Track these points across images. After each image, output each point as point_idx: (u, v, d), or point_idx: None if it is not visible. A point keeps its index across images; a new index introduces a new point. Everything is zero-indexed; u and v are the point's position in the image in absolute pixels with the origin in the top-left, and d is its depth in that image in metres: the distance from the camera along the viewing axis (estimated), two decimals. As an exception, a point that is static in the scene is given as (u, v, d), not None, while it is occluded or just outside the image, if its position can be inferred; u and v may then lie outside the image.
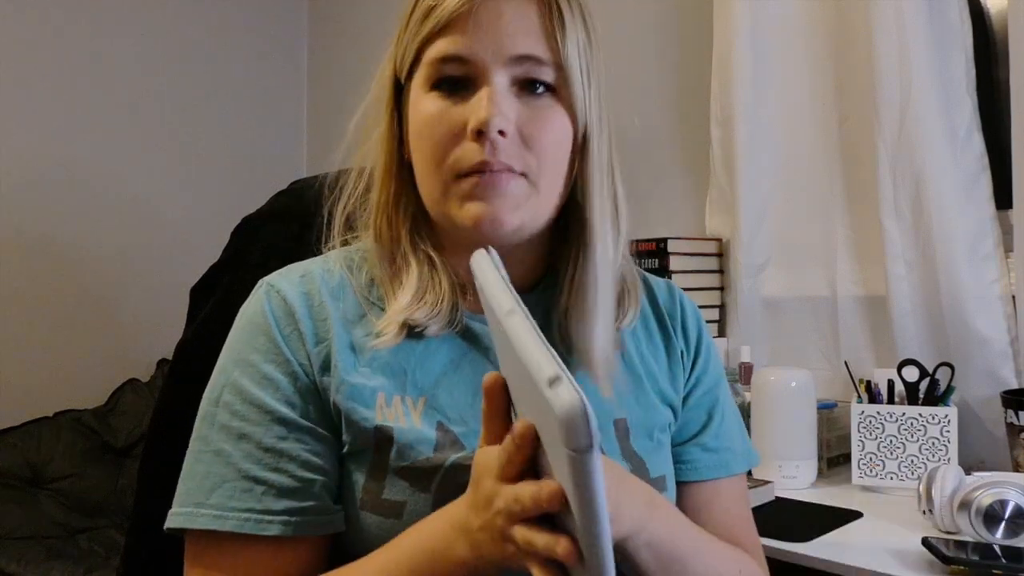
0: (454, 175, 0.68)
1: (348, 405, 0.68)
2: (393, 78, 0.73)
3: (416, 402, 0.69)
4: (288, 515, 0.66)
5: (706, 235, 1.82)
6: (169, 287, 1.91)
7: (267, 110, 2.94)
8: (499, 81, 0.68)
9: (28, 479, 2.23)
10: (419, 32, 0.69)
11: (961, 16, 1.48)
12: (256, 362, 0.69)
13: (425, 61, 0.69)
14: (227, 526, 0.65)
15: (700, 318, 0.86)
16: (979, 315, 1.42)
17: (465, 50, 0.68)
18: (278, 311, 0.70)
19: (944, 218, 1.45)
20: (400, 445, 0.67)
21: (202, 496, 0.66)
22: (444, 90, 0.69)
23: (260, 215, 0.97)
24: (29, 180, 2.44)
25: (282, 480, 0.66)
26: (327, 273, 0.74)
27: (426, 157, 0.69)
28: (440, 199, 0.69)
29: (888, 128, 1.50)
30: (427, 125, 0.69)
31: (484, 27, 0.68)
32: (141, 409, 2.41)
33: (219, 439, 0.67)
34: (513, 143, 0.68)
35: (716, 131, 1.77)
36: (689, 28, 1.89)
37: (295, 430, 0.68)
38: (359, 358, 0.70)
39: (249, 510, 0.65)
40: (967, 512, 1.04)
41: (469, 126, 0.67)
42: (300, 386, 0.69)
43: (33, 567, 1.93)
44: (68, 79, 2.52)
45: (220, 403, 0.69)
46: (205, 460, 0.67)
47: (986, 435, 1.42)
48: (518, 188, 0.69)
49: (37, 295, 2.45)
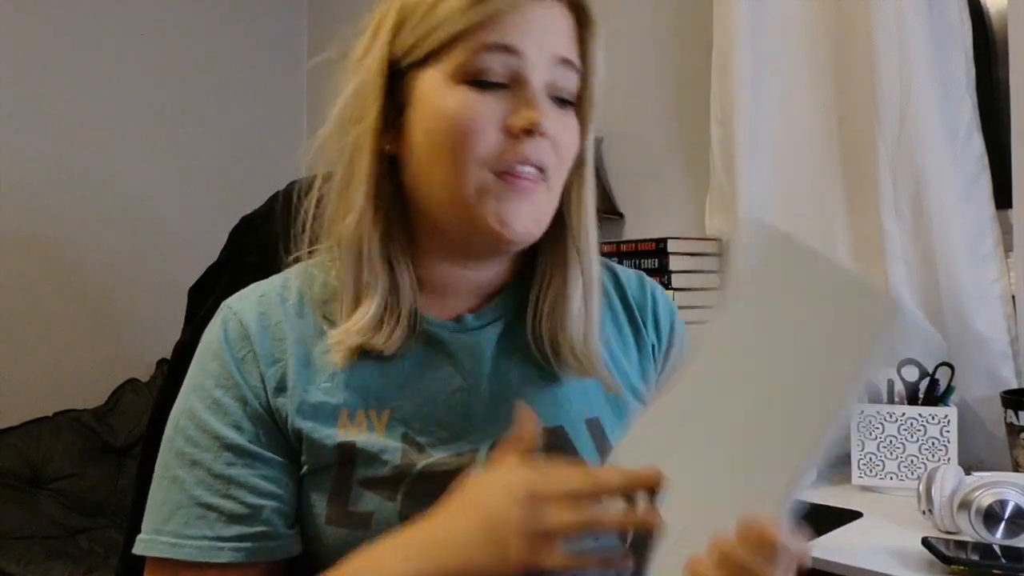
0: (487, 171, 0.66)
1: (308, 425, 0.68)
2: (386, 65, 0.69)
3: (380, 415, 0.69)
4: (239, 541, 0.66)
5: (706, 235, 1.82)
6: (168, 287, 1.91)
7: (267, 110, 2.94)
8: (538, 83, 0.67)
9: (28, 479, 2.23)
10: (462, 17, 0.66)
11: (961, 16, 1.48)
12: (208, 387, 0.69)
13: (461, 48, 0.66)
14: (181, 554, 0.66)
15: (674, 310, 0.85)
16: (979, 315, 1.42)
17: (515, 41, 0.66)
18: (232, 334, 0.70)
19: (944, 218, 1.45)
20: (365, 456, 0.67)
21: (160, 522, 0.68)
22: (477, 85, 0.66)
23: (259, 215, 0.97)
24: (29, 180, 2.44)
25: (232, 507, 0.67)
26: (285, 291, 0.73)
27: (449, 152, 0.66)
28: (462, 199, 0.67)
29: (888, 128, 1.49)
30: (459, 117, 0.66)
31: (533, 24, 0.67)
32: (141, 409, 2.41)
33: (175, 465, 0.68)
34: (547, 145, 0.68)
35: (716, 131, 1.77)
36: (689, 28, 1.89)
37: (244, 456, 0.68)
38: (319, 375, 0.69)
39: (203, 537, 0.66)
40: (967, 512, 1.04)
41: (517, 123, 0.66)
42: (250, 411, 0.68)
43: (33, 567, 1.93)
44: (68, 79, 2.52)
45: (177, 428, 0.70)
46: (164, 486, 0.69)
47: (986, 435, 1.41)
48: (542, 194, 0.69)
49: (37, 295, 2.45)
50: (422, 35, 0.68)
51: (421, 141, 0.68)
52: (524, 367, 0.75)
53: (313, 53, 3.08)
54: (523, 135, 0.66)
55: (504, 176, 0.66)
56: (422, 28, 0.68)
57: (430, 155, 0.68)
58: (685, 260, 1.71)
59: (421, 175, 0.69)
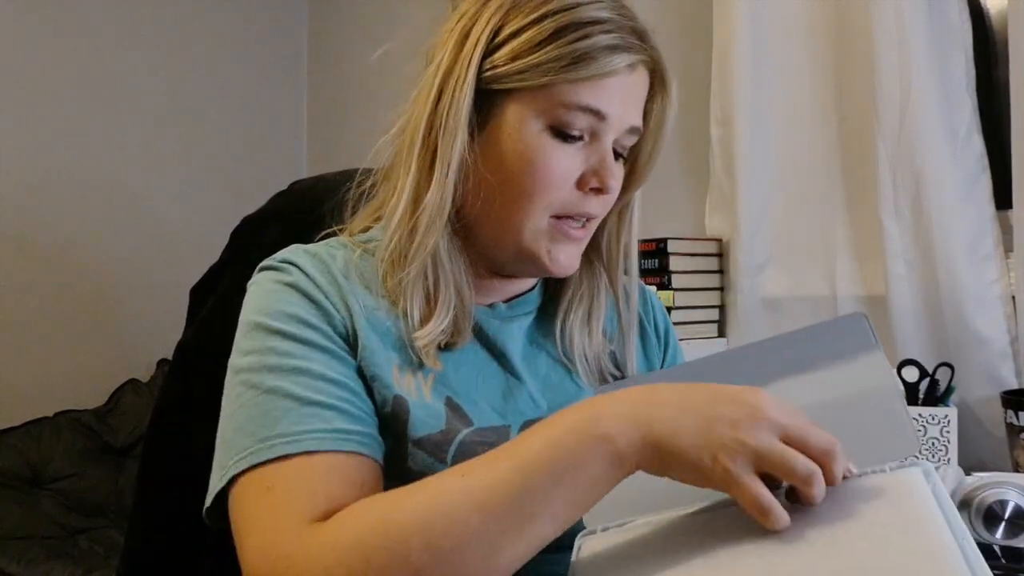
0: (551, 214, 0.72)
1: (372, 371, 0.68)
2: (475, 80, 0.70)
3: (427, 378, 0.71)
4: (361, 436, 0.65)
5: (706, 235, 1.82)
6: (169, 287, 1.91)
7: (267, 110, 2.94)
8: (610, 141, 0.72)
9: (28, 479, 2.23)
10: (568, 72, 0.68)
11: (961, 16, 1.48)
12: (295, 313, 0.68)
13: (554, 98, 0.69)
14: (302, 447, 0.61)
15: (666, 313, 0.92)
16: (979, 315, 1.42)
17: (606, 108, 0.70)
18: (300, 280, 0.70)
19: (944, 218, 1.45)
20: (415, 417, 0.68)
21: (265, 432, 0.62)
22: (558, 134, 0.71)
23: (260, 216, 0.97)
24: (29, 180, 2.44)
25: (348, 407, 0.65)
26: (330, 256, 0.74)
27: (524, 192, 0.71)
28: (520, 231, 0.72)
29: (888, 128, 1.49)
30: (542, 167, 0.70)
31: (623, 91, 0.72)
32: (141, 409, 2.40)
33: (272, 380, 0.65)
34: (605, 200, 0.75)
35: (716, 131, 1.77)
36: (689, 28, 1.89)
37: (348, 367, 0.67)
38: (373, 330, 0.70)
39: (319, 430, 0.63)
40: (967, 512, 1.04)
41: (591, 183, 0.72)
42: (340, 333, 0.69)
43: (33, 567, 1.93)
44: (68, 79, 2.52)
45: (264, 351, 0.66)
46: (259, 402, 0.64)
47: (986, 435, 1.41)
48: (586, 237, 0.76)
49: (37, 295, 2.45)
50: (518, 69, 0.69)
51: (495, 170, 0.71)
52: (550, 361, 0.80)
53: (313, 53, 3.11)
54: (591, 192, 0.72)
55: (560, 220, 0.72)
56: (520, 63, 0.69)
57: (500, 187, 0.71)
58: (685, 260, 1.71)
59: (484, 198, 0.72)
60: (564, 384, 0.79)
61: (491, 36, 0.70)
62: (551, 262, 0.73)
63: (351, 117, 2.77)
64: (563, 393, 0.78)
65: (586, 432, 0.55)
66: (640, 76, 0.73)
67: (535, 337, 0.81)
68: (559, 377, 0.80)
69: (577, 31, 0.69)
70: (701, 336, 1.71)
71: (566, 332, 0.80)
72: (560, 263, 0.74)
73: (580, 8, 0.70)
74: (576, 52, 0.68)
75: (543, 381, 0.78)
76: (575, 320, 0.81)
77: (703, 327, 1.73)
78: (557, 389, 0.78)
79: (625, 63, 0.70)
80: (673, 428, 0.55)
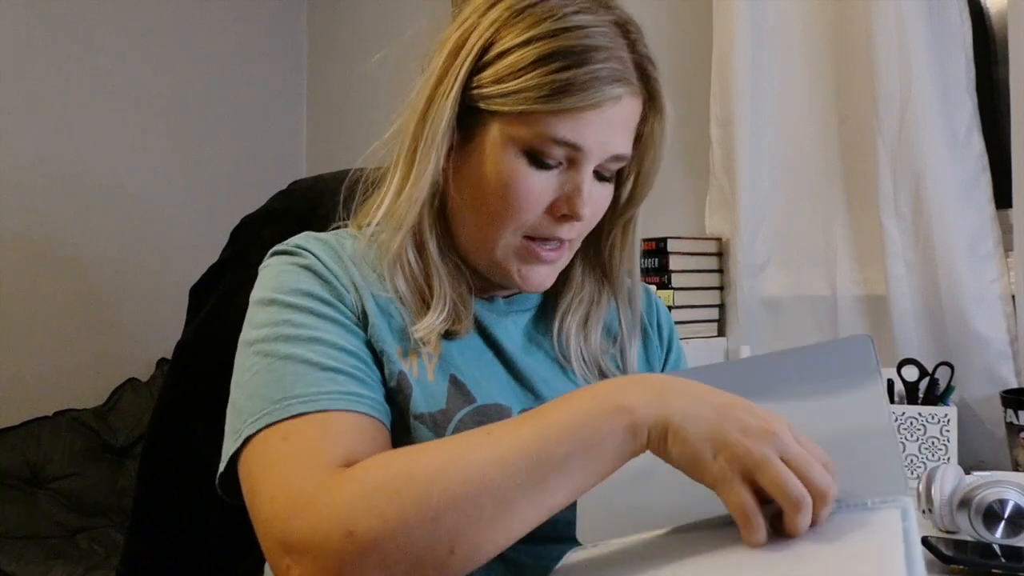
0: (520, 236, 0.73)
1: (379, 346, 0.70)
2: (460, 93, 0.71)
3: (430, 359, 0.72)
4: (372, 401, 0.66)
5: (706, 235, 1.82)
6: (169, 287, 1.91)
7: (267, 110, 2.94)
8: (588, 170, 0.72)
9: (28, 479, 2.23)
10: (536, 100, 0.68)
11: (961, 16, 1.48)
12: (309, 289, 0.70)
13: (533, 126, 0.69)
14: (318, 406, 0.62)
15: (670, 317, 0.93)
16: (979, 315, 1.42)
17: (583, 141, 0.70)
18: (311, 261, 0.72)
19: (944, 218, 1.45)
20: (416, 395, 0.70)
21: (280, 394, 0.63)
22: (534, 161, 0.71)
23: (260, 215, 0.98)
24: (29, 180, 2.44)
25: (360, 375, 0.67)
26: (339, 243, 0.76)
27: (495, 212, 0.72)
28: (490, 247, 0.73)
29: (888, 128, 1.49)
30: (513, 189, 0.71)
31: (605, 123, 0.70)
32: (141, 409, 2.40)
33: (286, 348, 0.66)
34: (580, 225, 0.74)
35: (716, 131, 1.77)
36: (689, 28, 1.89)
37: (359, 340, 0.69)
38: (380, 313, 0.72)
39: (335, 392, 0.64)
40: (967, 512, 1.04)
41: (560, 209, 0.72)
42: (350, 308, 0.71)
43: (33, 567, 1.93)
44: (68, 79, 2.52)
45: (279, 323, 0.68)
46: (275, 368, 0.65)
47: (986, 435, 1.41)
48: (563, 257, 0.76)
49: (37, 295, 2.45)
50: (500, 92, 0.69)
51: (471, 188, 0.73)
52: (547, 359, 0.81)
53: (313, 53, 3.10)
54: (562, 218, 0.72)
55: (533, 241, 0.73)
56: (502, 86, 0.69)
57: (473, 204, 0.73)
58: (685, 260, 1.71)
59: (461, 211, 0.74)
60: (560, 382, 0.80)
61: (480, 53, 0.71)
62: (521, 280, 0.74)
63: (351, 117, 2.77)
64: (559, 391, 0.78)
65: (608, 400, 0.57)
66: (627, 106, 0.72)
67: (532, 334, 0.82)
68: (555, 375, 0.80)
69: (560, 60, 0.67)
70: (701, 336, 1.71)
71: (563, 333, 0.81)
72: (530, 281, 0.75)
73: (570, 33, 0.68)
74: (555, 83, 0.67)
75: (539, 377, 0.79)
76: (572, 322, 0.81)
77: (703, 327, 1.73)
78: (553, 385, 0.79)
79: (608, 97, 0.69)
80: (687, 415, 0.56)
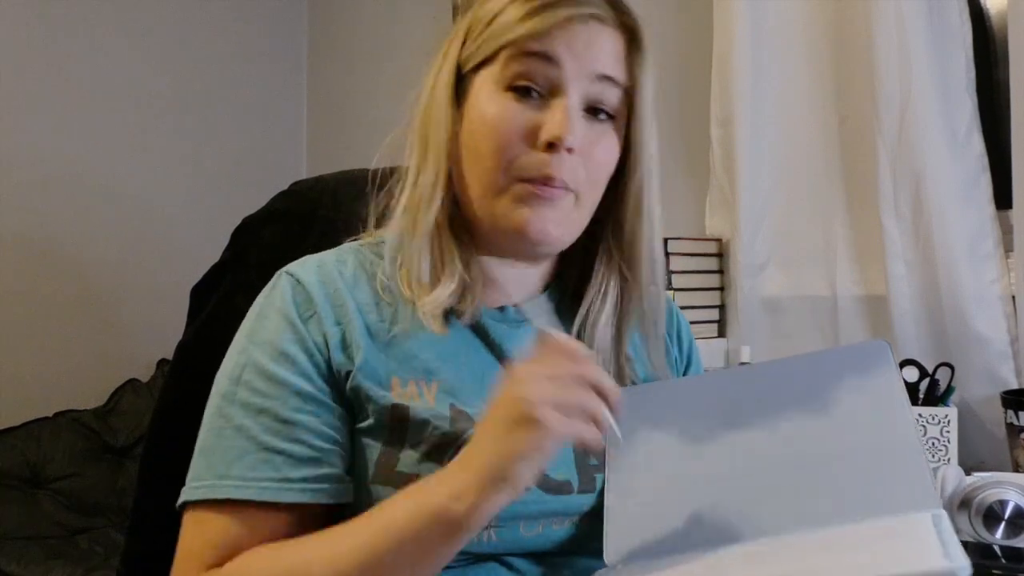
0: (514, 178, 0.72)
1: (367, 384, 0.71)
2: (454, 71, 0.75)
3: (429, 386, 0.72)
4: (305, 483, 0.69)
5: (706, 235, 1.82)
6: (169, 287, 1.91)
7: (267, 111, 2.94)
8: (574, 97, 0.71)
9: (28, 479, 2.23)
10: (513, 28, 0.71)
11: (961, 16, 1.48)
12: (275, 341, 0.71)
13: (509, 55, 0.71)
14: (248, 494, 0.67)
15: (689, 328, 0.92)
16: (979, 315, 1.42)
17: (556, 52, 0.71)
18: (298, 297, 0.73)
19: (944, 218, 1.45)
20: (416, 422, 0.70)
21: (224, 468, 0.69)
22: (519, 92, 0.72)
23: (260, 216, 0.97)
24: (29, 180, 2.44)
25: (299, 450, 0.69)
26: (341, 264, 0.76)
27: (485, 154, 0.72)
28: (491, 197, 0.73)
29: (888, 128, 1.49)
30: (496, 124, 0.71)
31: (577, 40, 0.71)
32: (141, 409, 2.40)
33: (240, 415, 0.70)
34: (575, 160, 0.72)
35: (716, 131, 1.77)
36: (689, 28, 1.89)
37: (310, 402, 0.70)
38: (375, 343, 0.72)
39: (269, 479, 0.68)
40: (967, 512, 1.04)
41: (542, 136, 0.70)
42: (315, 363, 0.71)
43: (33, 567, 1.93)
44: (68, 79, 2.52)
45: (240, 382, 0.71)
46: (227, 435, 0.70)
47: (986, 435, 1.41)
48: (567, 204, 0.74)
49: (37, 295, 2.45)
50: (479, 44, 0.73)
51: (465, 140, 0.74)
52: None
53: (313, 53, 3.10)
54: (548, 148, 0.70)
55: (527, 182, 0.71)
56: (481, 38, 0.73)
57: (469, 154, 0.73)
58: (685, 260, 1.71)
59: (463, 170, 0.74)
60: None
61: (465, 31, 0.75)
62: (520, 226, 0.72)
63: (351, 117, 2.77)
64: None
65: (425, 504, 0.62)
66: (600, 32, 0.73)
67: None
68: None
69: None
70: (701, 336, 1.71)
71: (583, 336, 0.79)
72: (533, 224, 0.72)
73: None
74: (521, 13, 0.71)
75: None
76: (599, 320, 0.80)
77: (703, 327, 1.73)
78: None
79: (575, 14, 0.71)
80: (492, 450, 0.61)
